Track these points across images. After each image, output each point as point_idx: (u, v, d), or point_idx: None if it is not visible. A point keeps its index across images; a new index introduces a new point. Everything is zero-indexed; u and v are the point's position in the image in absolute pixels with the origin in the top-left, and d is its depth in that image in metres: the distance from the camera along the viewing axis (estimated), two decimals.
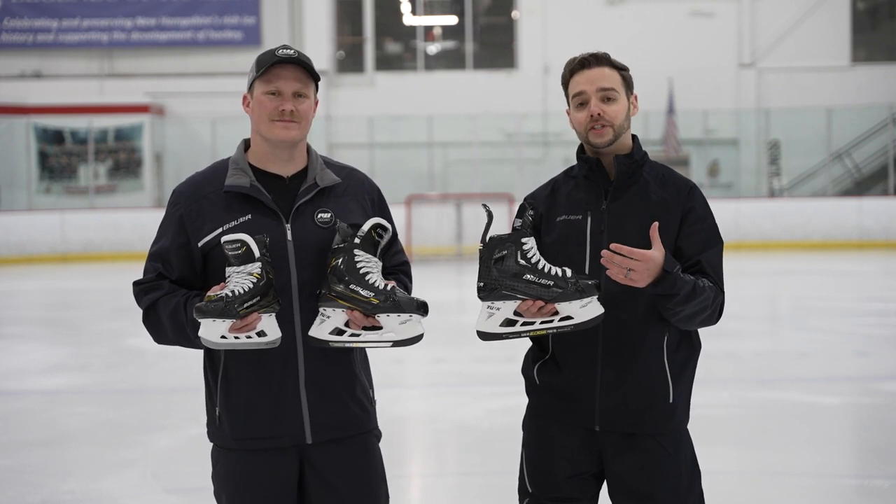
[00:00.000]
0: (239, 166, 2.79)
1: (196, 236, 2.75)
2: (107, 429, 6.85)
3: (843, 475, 5.69)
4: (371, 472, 2.84)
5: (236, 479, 2.79)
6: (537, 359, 2.98)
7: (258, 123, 2.76)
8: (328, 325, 2.67)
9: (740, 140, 23.16)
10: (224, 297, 2.55)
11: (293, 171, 2.81)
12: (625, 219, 2.86)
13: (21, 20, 23.75)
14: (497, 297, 2.68)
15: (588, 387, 2.88)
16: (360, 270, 2.65)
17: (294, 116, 2.74)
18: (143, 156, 22.75)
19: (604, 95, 2.86)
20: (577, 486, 2.92)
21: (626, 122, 2.89)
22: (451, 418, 6.98)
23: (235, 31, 23.55)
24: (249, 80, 2.78)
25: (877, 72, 23.24)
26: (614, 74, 2.88)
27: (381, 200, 2.91)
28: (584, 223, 2.89)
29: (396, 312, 2.62)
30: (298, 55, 2.74)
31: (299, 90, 2.75)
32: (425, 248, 19.80)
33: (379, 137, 23.04)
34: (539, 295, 2.66)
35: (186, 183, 2.84)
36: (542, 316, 2.68)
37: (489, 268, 2.68)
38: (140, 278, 2.81)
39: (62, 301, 15.11)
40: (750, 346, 9.47)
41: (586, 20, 23.18)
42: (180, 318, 2.69)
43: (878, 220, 20.29)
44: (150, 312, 2.76)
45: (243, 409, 2.75)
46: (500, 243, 2.68)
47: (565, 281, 2.66)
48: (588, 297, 2.66)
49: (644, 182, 2.90)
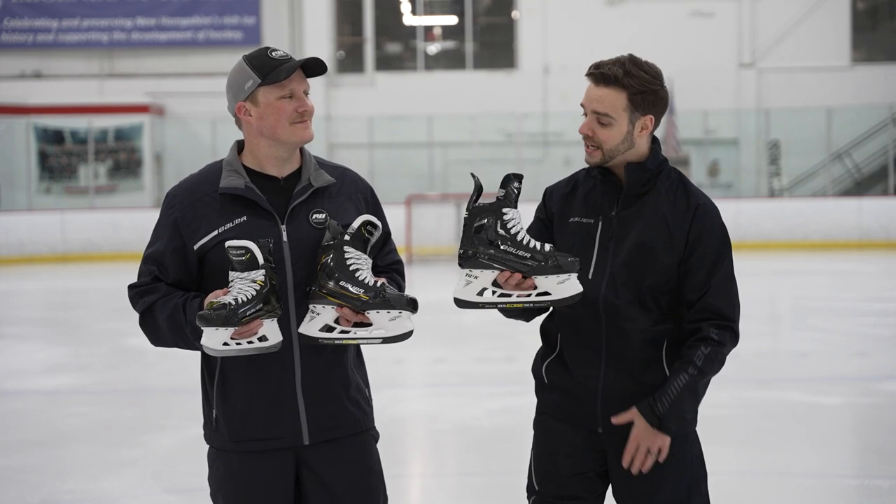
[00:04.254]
0: (233, 168, 2.78)
1: (191, 239, 2.74)
2: (107, 429, 6.85)
3: (843, 475, 5.69)
4: (368, 472, 2.84)
5: (233, 482, 2.78)
6: (546, 357, 2.98)
7: (274, 129, 2.73)
8: (318, 322, 2.67)
9: (740, 140, 23.15)
10: (227, 305, 2.55)
11: (288, 171, 2.80)
12: (632, 228, 2.84)
13: (21, 20, 23.74)
14: (475, 265, 2.67)
15: (591, 390, 2.88)
16: (349, 267, 2.65)
17: (309, 116, 2.76)
18: (143, 156, 22.74)
19: (597, 119, 2.82)
20: (582, 484, 2.92)
21: (622, 144, 2.81)
22: (451, 418, 6.98)
23: (235, 31, 23.55)
24: (248, 87, 2.73)
25: (877, 72, 23.23)
26: (619, 98, 2.79)
27: (374, 200, 2.91)
28: (594, 228, 2.88)
29: (386, 309, 2.62)
30: (292, 57, 2.76)
31: (307, 88, 2.78)
32: (425, 248, 19.78)
33: (379, 137, 23.03)
34: (515, 266, 2.64)
35: (180, 185, 2.82)
36: (520, 289, 2.67)
37: (470, 236, 2.68)
38: (135, 281, 2.80)
39: (62, 301, 15.11)
40: (750, 346, 9.47)
41: (586, 20, 23.17)
42: (179, 320, 2.68)
43: (878, 220, 20.28)
44: (146, 315, 2.76)
45: (240, 411, 2.75)
46: (482, 212, 2.68)
47: (543, 255, 2.64)
48: (566, 273, 2.64)
49: (656, 192, 2.86)
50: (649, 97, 2.81)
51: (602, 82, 2.81)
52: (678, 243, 2.82)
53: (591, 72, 2.83)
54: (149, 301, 2.74)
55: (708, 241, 2.83)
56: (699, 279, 2.82)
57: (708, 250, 2.82)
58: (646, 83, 2.80)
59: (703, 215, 2.84)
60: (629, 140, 2.82)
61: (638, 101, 2.80)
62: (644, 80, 2.80)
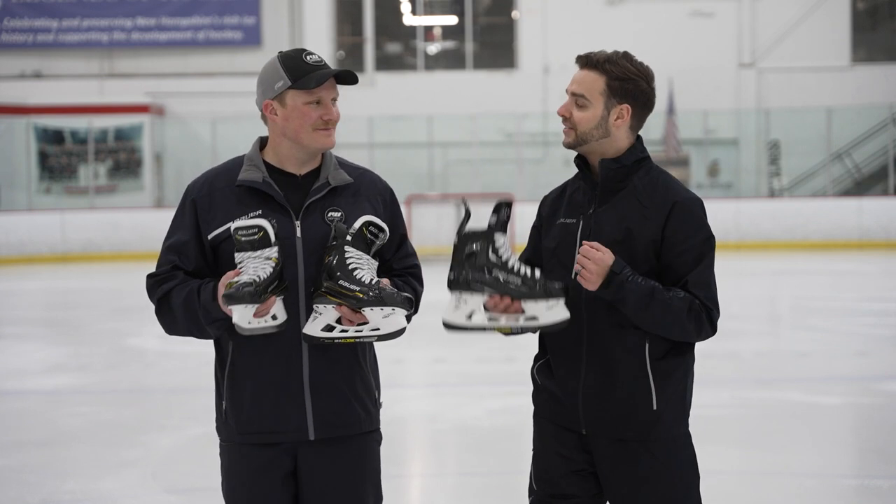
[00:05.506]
0: (253, 163, 2.82)
1: (207, 229, 2.79)
2: (107, 429, 6.85)
3: (843, 475, 5.69)
4: (362, 479, 2.85)
5: (237, 473, 2.81)
6: (538, 360, 3.01)
7: (297, 133, 2.76)
8: (320, 321, 2.71)
9: (740, 140, 23.15)
10: (253, 282, 2.58)
11: (307, 170, 2.84)
12: (605, 225, 2.83)
13: (21, 20, 23.74)
14: (465, 290, 2.73)
15: (573, 392, 2.88)
16: (349, 266, 2.69)
17: (334, 123, 2.80)
18: (143, 156, 22.73)
19: (575, 100, 2.84)
20: (576, 483, 2.92)
21: (596, 130, 2.81)
22: (451, 418, 6.98)
23: (235, 31, 23.54)
24: (278, 87, 2.75)
25: (877, 72, 23.23)
26: (597, 81, 2.81)
27: (393, 201, 2.95)
28: (576, 227, 2.88)
29: (380, 306, 2.65)
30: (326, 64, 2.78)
31: (335, 96, 2.81)
32: (425, 248, 19.77)
33: (379, 137, 23.03)
34: (506, 291, 2.70)
35: (200, 177, 2.87)
36: (508, 313, 2.71)
37: (461, 261, 2.73)
38: (154, 271, 2.83)
39: (62, 301, 15.11)
40: (750, 346, 9.47)
41: (586, 20, 23.17)
42: (192, 306, 2.72)
43: (878, 220, 20.28)
44: (163, 303, 2.79)
45: (248, 404, 2.78)
46: (473, 238, 2.73)
47: (533, 280, 2.70)
48: (554, 298, 2.69)
49: (632, 188, 2.84)
50: (628, 86, 2.81)
51: (585, 65, 2.85)
52: (654, 239, 2.79)
53: (578, 56, 2.88)
54: (166, 289, 2.77)
55: (686, 238, 2.79)
56: (677, 275, 2.79)
57: (687, 248, 2.79)
58: (626, 72, 2.81)
59: (681, 211, 2.81)
60: (603, 127, 2.82)
61: (615, 88, 2.81)
62: (626, 69, 2.81)
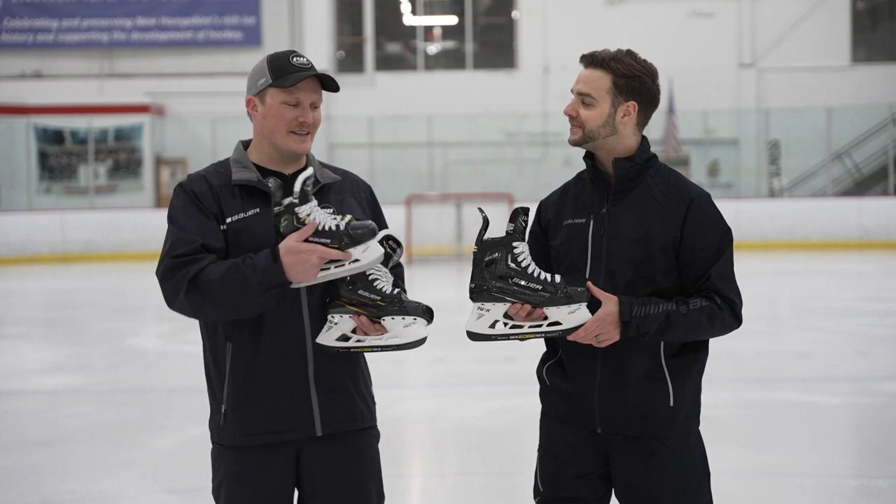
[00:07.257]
0: (242, 164, 2.82)
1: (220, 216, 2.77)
2: (107, 429, 6.85)
3: (843, 475, 5.69)
4: (364, 473, 2.86)
5: (237, 478, 2.80)
6: (547, 360, 3.00)
7: (272, 132, 2.77)
8: (335, 331, 2.73)
9: (740, 140, 23.15)
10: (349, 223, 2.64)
11: (293, 169, 2.86)
12: (623, 224, 2.84)
13: (21, 20, 23.74)
14: (487, 299, 2.74)
15: (588, 390, 2.88)
16: (368, 276, 2.71)
17: (310, 128, 2.78)
18: (143, 156, 22.74)
19: (581, 99, 2.85)
20: (585, 486, 2.93)
21: (603, 128, 2.83)
22: (451, 418, 6.98)
23: (235, 31, 23.54)
24: (260, 84, 2.77)
25: (877, 72, 23.23)
26: (603, 79, 2.83)
27: (373, 199, 2.98)
28: (586, 226, 2.88)
29: (401, 315, 2.67)
30: (313, 67, 2.77)
31: (316, 101, 2.79)
32: (425, 248, 19.79)
33: (379, 137, 23.04)
34: (527, 299, 2.71)
35: (193, 176, 2.83)
36: (531, 320, 2.73)
37: (481, 270, 2.74)
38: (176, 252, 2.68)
39: (62, 301, 15.11)
40: (750, 346, 9.47)
41: (586, 20, 23.18)
42: (241, 272, 2.62)
43: (878, 220, 20.29)
44: (196, 279, 2.65)
45: (254, 404, 2.77)
46: (492, 246, 2.74)
47: (554, 286, 2.71)
48: (576, 303, 2.71)
49: (646, 186, 2.86)
50: (634, 83, 2.83)
51: (590, 64, 2.86)
52: (673, 237, 2.81)
53: (582, 55, 2.89)
54: (200, 266, 2.65)
55: (705, 233, 2.82)
56: (699, 271, 2.81)
57: (707, 243, 2.82)
58: (632, 69, 2.82)
59: (698, 208, 2.84)
60: (611, 124, 2.84)
61: (622, 86, 2.82)
62: (631, 66, 2.83)
